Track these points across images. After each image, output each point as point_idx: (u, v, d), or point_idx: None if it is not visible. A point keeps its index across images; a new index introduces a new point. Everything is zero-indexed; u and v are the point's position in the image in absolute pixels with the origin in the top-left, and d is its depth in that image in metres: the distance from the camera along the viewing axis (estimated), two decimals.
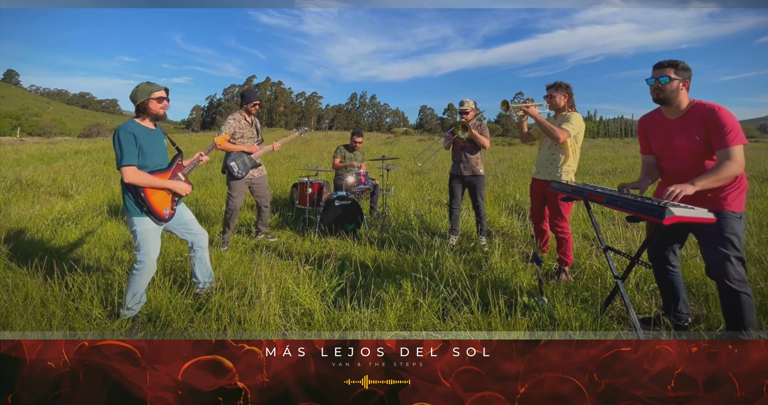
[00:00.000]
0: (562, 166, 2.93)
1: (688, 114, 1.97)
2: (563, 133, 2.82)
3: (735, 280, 1.82)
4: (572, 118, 2.87)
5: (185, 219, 2.43)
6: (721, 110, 1.86)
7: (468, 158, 3.76)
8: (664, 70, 1.96)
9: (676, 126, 2.02)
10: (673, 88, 1.95)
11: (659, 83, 1.98)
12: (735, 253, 1.83)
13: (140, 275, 2.18)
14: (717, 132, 1.85)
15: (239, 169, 3.61)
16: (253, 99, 3.75)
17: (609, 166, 10.81)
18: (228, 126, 3.62)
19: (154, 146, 2.21)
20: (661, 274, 2.21)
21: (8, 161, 10.34)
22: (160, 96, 2.19)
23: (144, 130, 2.18)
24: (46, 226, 4.05)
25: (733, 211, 1.88)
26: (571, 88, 2.96)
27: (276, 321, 2.14)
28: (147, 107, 2.19)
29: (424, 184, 7.27)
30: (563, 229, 2.89)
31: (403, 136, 39.45)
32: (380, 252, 3.37)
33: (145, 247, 2.18)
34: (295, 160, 11.40)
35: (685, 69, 1.95)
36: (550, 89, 2.97)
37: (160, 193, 2.21)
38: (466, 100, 3.76)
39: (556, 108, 2.96)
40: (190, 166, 2.46)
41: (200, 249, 2.50)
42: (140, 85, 2.19)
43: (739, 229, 1.86)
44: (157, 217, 2.17)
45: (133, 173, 2.08)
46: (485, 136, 3.70)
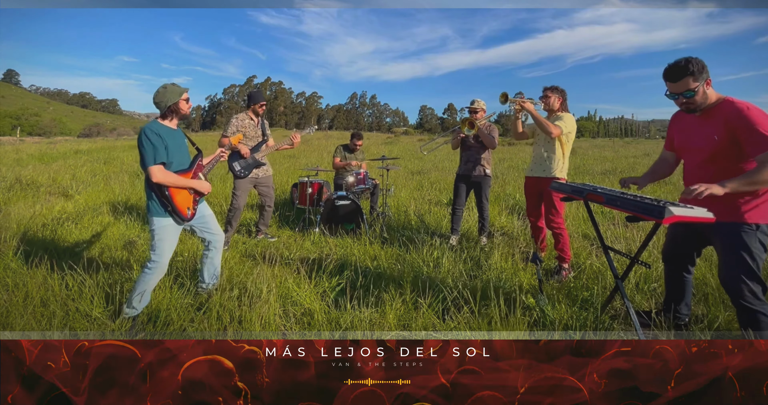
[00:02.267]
0: (554, 164, 3.04)
1: (714, 111, 1.81)
2: (556, 128, 2.92)
3: (749, 298, 1.71)
4: (565, 117, 3.01)
5: (205, 215, 2.45)
6: (751, 110, 1.67)
7: (476, 158, 3.76)
8: (683, 83, 1.78)
9: (698, 122, 1.89)
10: (700, 96, 1.78)
11: (685, 98, 1.80)
12: (748, 270, 1.71)
13: (151, 275, 2.19)
14: (749, 134, 1.66)
15: (241, 168, 3.63)
16: (260, 100, 3.79)
17: (609, 166, 10.80)
18: (230, 126, 3.65)
19: (178, 146, 2.24)
20: (673, 278, 2.17)
21: (8, 161, 10.34)
22: (187, 97, 2.25)
23: (168, 130, 2.21)
24: (46, 226, 4.05)
25: (748, 223, 1.72)
26: (566, 93, 3.13)
27: (276, 321, 2.15)
28: (178, 108, 2.23)
29: (424, 184, 7.27)
30: (558, 225, 2.95)
31: (403, 135, 39.44)
32: (380, 252, 3.37)
33: (161, 248, 2.18)
34: (295, 160, 11.40)
35: (701, 69, 1.76)
36: (547, 90, 3.11)
37: (183, 193, 2.23)
38: (477, 100, 3.76)
39: (551, 108, 3.10)
40: (210, 166, 2.50)
41: (214, 249, 2.50)
42: (167, 86, 2.20)
43: (753, 243, 1.71)
44: (180, 216, 2.18)
45: (160, 172, 2.09)
46: (493, 137, 3.69)
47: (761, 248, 1.73)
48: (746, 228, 1.73)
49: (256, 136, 3.77)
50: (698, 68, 1.75)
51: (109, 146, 17.20)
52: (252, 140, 3.73)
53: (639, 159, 13.21)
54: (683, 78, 1.78)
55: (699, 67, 1.76)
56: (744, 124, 1.68)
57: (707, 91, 1.79)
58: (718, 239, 1.83)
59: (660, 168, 2.17)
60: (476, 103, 3.74)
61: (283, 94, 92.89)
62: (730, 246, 1.76)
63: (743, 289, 1.72)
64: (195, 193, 2.31)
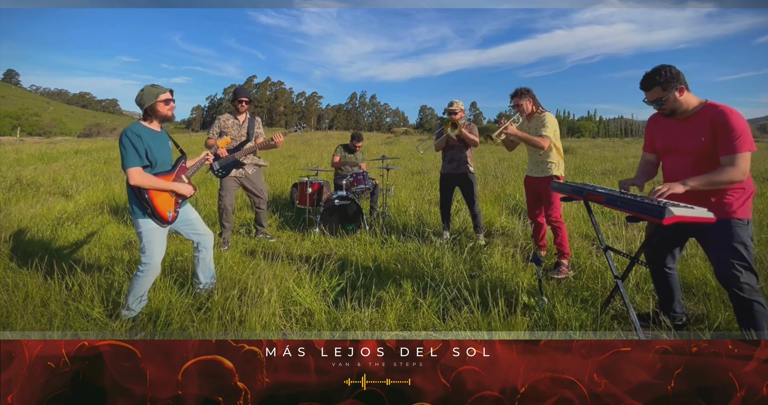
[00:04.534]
0: (550, 163, 3.09)
1: (698, 114, 1.90)
2: (544, 140, 3.00)
3: (746, 289, 1.79)
4: (546, 120, 3.05)
5: (190, 219, 2.44)
6: (732, 114, 1.78)
7: (458, 157, 3.84)
8: (653, 92, 1.91)
9: (683, 126, 1.96)
10: (672, 102, 1.89)
11: (657, 106, 1.95)
12: (743, 262, 1.79)
13: (144, 277, 2.18)
14: (724, 136, 1.78)
15: (219, 167, 3.60)
16: (240, 96, 3.65)
17: (609, 166, 10.79)
18: (213, 126, 3.64)
19: (160, 148, 2.22)
20: (657, 275, 2.20)
21: (8, 161, 10.34)
22: (166, 98, 2.20)
23: (150, 132, 2.19)
24: (46, 226, 4.05)
25: (739, 219, 1.82)
26: (532, 91, 3.19)
27: (276, 321, 2.15)
28: (155, 110, 2.19)
29: (424, 184, 7.26)
30: (556, 219, 3.02)
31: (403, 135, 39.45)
32: (380, 252, 3.37)
33: (150, 249, 2.18)
34: (295, 160, 11.39)
35: (670, 79, 1.86)
36: (515, 98, 3.18)
37: (164, 196, 2.20)
38: (455, 101, 3.84)
39: (527, 112, 3.18)
40: (194, 168, 2.47)
41: (204, 249, 2.50)
42: (145, 88, 2.18)
43: (745, 237, 1.80)
44: (160, 219, 2.17)
45: (138, 175, 2.08)
46: (474, 135, 3.77)
47: (750, 241, 1.84)
48: (739, 223, 1.82)
49: (239, 136, 3.68)
50: (667, 78, 1.85)
51: (109, 146, 17.18)
52: (234, 140, 3.66)
53: (639, 159, 13.17)
54: (653, 88, 1.91)
55: (668, 76, 1.85)
56: (722, 124, 1.79)
57: (680, 98, 1.88)
58: (711, 236, 1.87)
59: (648, 169, 2.23)
60: (455, 104, 3.82)
61: (283, 94, 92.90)
62: (725, 241, 1.82)
63: (740, 281, 1.79)
64: (177, 196, 2.28)
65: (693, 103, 1.90)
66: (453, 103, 3.83)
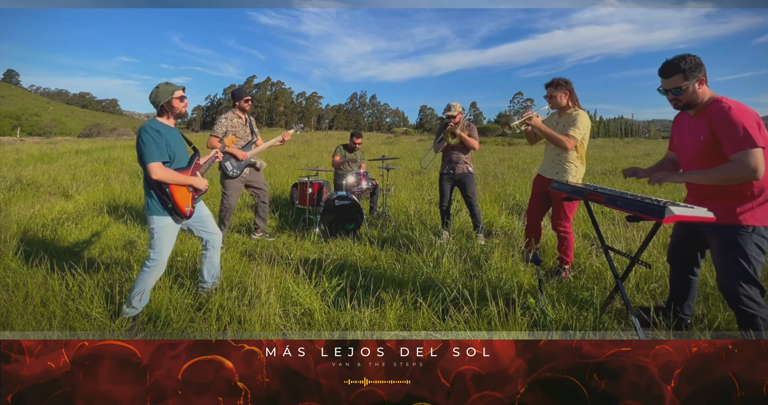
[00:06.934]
0: (569, 167, 2.83)
1: (703, 111, 1.81)
2: (570, 141, 2.70)
3: (746, 302, 1.69)
4: (578, 120, 2.72)
5: (203, 216, 2.47)
6: (732, 110, 1.67)
7: (458, 158, 3.86)
8: (673, 80, 1.79)
9: (691, 122, 1.90)
10: (690, 94, 1.78)
11: (673, 95, 1.82)
12: (741, 272, 1.69)
13: (150, 273, 2.20)
14: (725, 134, 1.68)
15: (233, 168, 3.60)
16: (244, 95, 3.71)
17: (609, 166, 10.80)
18: (219, 126, 3.60)
19: (177, 144, 2.27)
20: (677, 277, 2.16)
21: (8, 161, 10.34)
22: (180, 95, 2.25)
23: (167, 128, 2.23)
24: (46, 226, 4.04)
25: (744, 226, 1.70)
26: (571, 84, 2.81)
27: (276, 321, 2.14)
28: (171, 106, 2.24)
29: (424, 184, 7.26)
30: (565, 229, 2.85)
31: (403, 135, 39.43)
32: (380, 252, 3.37)
33: (160, 246, 2.20)
34: (295, 160, 11.39)
35: (693, 68, 1.75)
36: (549, 88, 2.84)
37: (183, 191, 2.24)
38: (452, 104, 3.80)
39: (560, 106, 2.85)
40: (206, 166, 2.51)
41: (212, 248, 2.52)
42: (160, 85, 2.23)
43: (749, 246, 1.68)
44: (179, 214, 2.21)
45: (160, 169, 2.11)
46: (474, 137, 3.78)
47: (758, 251, 1.70)
48: (741, 230, 1.71)
49: (246, 135, 3.72)
50: (690, 67, 1.75)
51: (109, 146, 17.19)
52: (242, 139, 3.69)
53: (639, 159, 13.21)
54: (674, 75, 1.79)
55: (692, 65, 1.75)
56: (724, 124, 1.69)
57: (698, 90, 1.78)
58: (713, 241, 1.83)
59: (664, 165, 2.18)
60: (453, 107, 3.79)
61: (283, 94, 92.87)
62: (724, 248, 1.75)
63: (739, 293, 1.70)
64: (194, 191, 2.32)
65: (705, 98, 1.81)
66: (451, 107, 3.79)
